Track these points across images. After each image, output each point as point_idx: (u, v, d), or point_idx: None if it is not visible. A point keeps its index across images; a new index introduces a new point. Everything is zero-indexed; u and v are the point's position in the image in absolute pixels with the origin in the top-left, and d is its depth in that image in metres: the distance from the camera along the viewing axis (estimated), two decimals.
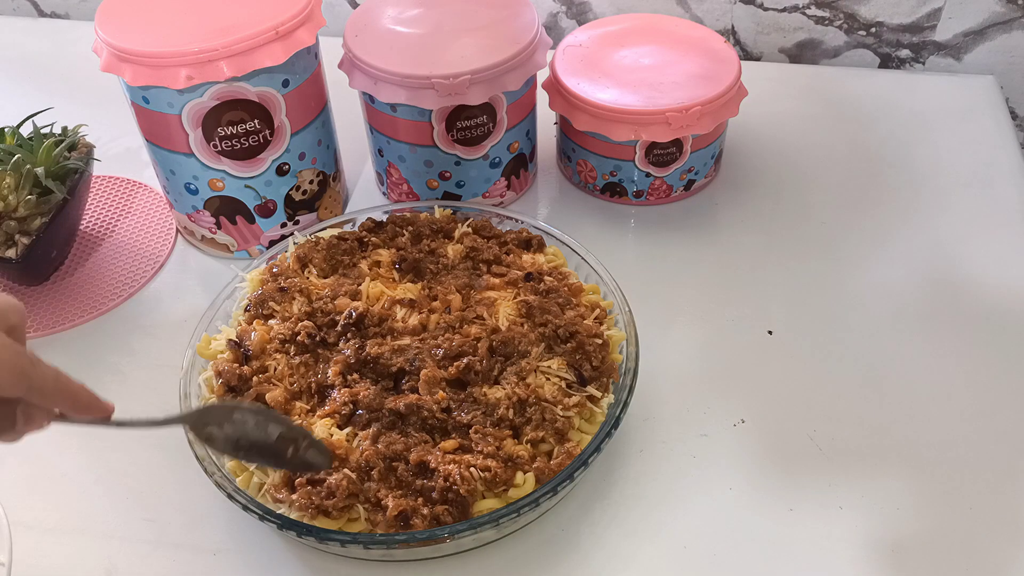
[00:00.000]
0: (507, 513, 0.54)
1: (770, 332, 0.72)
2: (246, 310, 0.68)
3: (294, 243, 0.72)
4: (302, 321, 0.64)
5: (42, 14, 1.19)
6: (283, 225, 0.79)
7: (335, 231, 0.73)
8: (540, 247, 0.73)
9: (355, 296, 0.66)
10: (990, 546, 0.58)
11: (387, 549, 0.55)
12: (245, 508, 0.56)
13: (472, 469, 0.56)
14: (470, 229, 0.73)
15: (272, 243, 0.79)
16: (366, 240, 0.72)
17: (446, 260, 0.70)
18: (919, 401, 0.67)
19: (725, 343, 0.72)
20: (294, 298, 0.67)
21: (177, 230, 0.84)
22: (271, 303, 0.66)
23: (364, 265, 0.70)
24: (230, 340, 0.64)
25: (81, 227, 0.84)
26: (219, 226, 0.78)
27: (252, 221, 0.77)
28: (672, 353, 0.71)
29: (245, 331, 0.65)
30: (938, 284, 0.76)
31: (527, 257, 0.71)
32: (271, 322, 0.66)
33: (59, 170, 0.75)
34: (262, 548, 0.61)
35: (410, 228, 0.73)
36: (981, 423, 0.65)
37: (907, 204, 0.84)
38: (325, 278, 0.69)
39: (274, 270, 0.70)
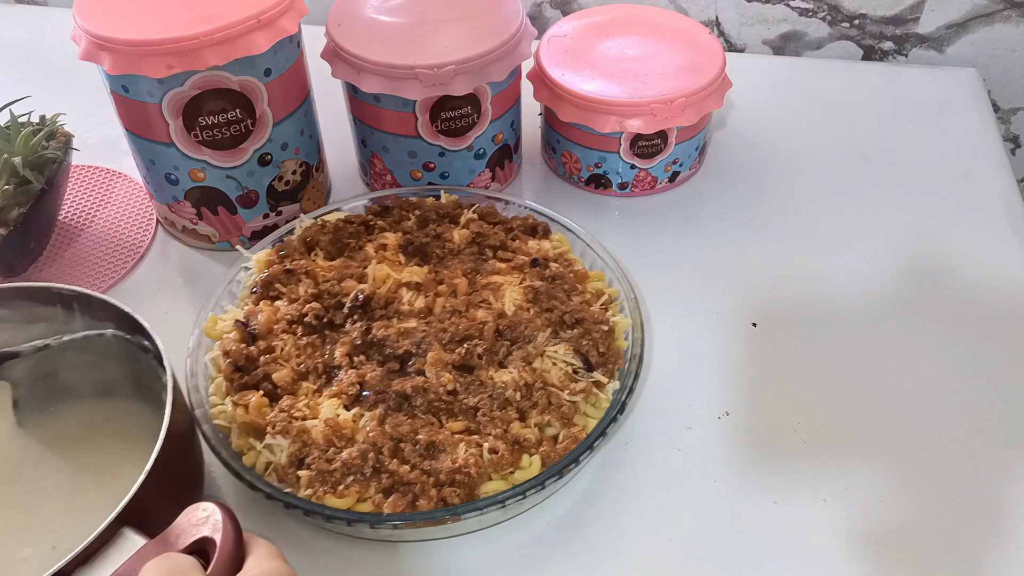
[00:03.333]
0: (515, 495, 0.55)
1: (754, 324, 0.73)
2: (252, 291, 0.68)
3: (300, 226, 0.73)
4: (309, 303, 0.65)
5: (19, 1, 1.18)
6: (265, 216, 0.78)
7: (340, 215, 0.74)
8: (545, 233, 0.73)
9: (361, 279, 0.67)
10: (973, 538, 0.59)
11: (394, 529, 0.55)
12: (252, 487, 0.56)
13: (482, 449, 0.56)
14: (476, 215, 0.73)
15: (255, 234, 0.78)
16: (372, 224, 0.73)
17: (452, 245, 0.70)
18: (903, 393, 0.67)
19: (709, 335, 0.72)
20: (300, 280, 0.67)
21: (157, 220, 0.83)
22: (277, 285, 0.67)
23: (370, 248, 0.70)
24: (237, 320, 0.65)
25: (60, 218, 0.83)
26: (200, 217, 0.77)
27: (234, 212, 0.77)
28: (656, 345, 0.71)
29: (252, 312, 0.65)
30: (921, 276, 0.76)
31: (533, 243, 0.71)
32: (277, 303, 0.66)
33: (37, 160, 0.74)
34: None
35: (416, 212, 0.73)
36: (964, 415, 0.66)
37: (890, 196, 0.84)
38: (331, 261, 0.70)
39: (280, 252, 0.70)
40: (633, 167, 0.82)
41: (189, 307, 0.75)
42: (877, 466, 0.63)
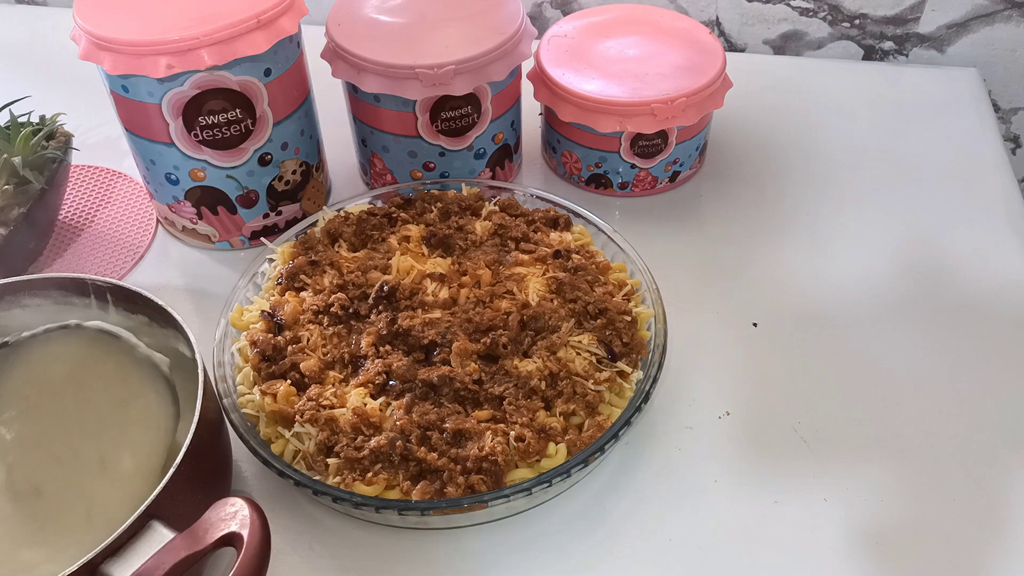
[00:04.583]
0: (541, 482, 0.55)
1: (755, 324, 0.73)
2: (278, 282, 0.69)
3: (323, 218, 0.73)
4: (335, 294, 0.65)
5: (19, 1, 1.18)
6: (265, 216, 0.78)
7: (364, 206, 0.74)
8: (567, 226, 0.74)
9: (385, 270, 0.68)
10: (973, 538, 0.59)
11: (421, 516, 0.56)
12: (281, 474, 0.56)
13: (508, 437, 0.57)
14: (497, 207, 0.74)
15: (255, 233, 0.78)
16: (395, 216, 0.73)
17: (474, 236, 0.71)
18: (903, 393, 0.67)
19: (710, 335, 0.72)
20: (325, 271, 0.68)
21: (157, 220, 0.83)
22: (303, 276, 0.68)
23: (393, 240, 0.71)
24: (263, 311, 0.66)
25: (60, 218, 0.83)
26: (200, 216, 0.77)
27: (234, 212, 0.77)
28: None
29: (278, 303, 0.66)
30: (921, 276, 0.76)
31: (555, 235, 0.72)
32: (303, 294, 0.67)
33: (37, 160, 0.74)
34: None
35: (439, 205, 0.74)
36: (964, 415, 0.66)
37: (890, 196, 0.84)
38: (354, 252, 0.71)
39: (304, 244, 0.71)
40: (633, 167, 0.82)
41: (189, 306, 0.75)
42: (877, 466, 0.63)
